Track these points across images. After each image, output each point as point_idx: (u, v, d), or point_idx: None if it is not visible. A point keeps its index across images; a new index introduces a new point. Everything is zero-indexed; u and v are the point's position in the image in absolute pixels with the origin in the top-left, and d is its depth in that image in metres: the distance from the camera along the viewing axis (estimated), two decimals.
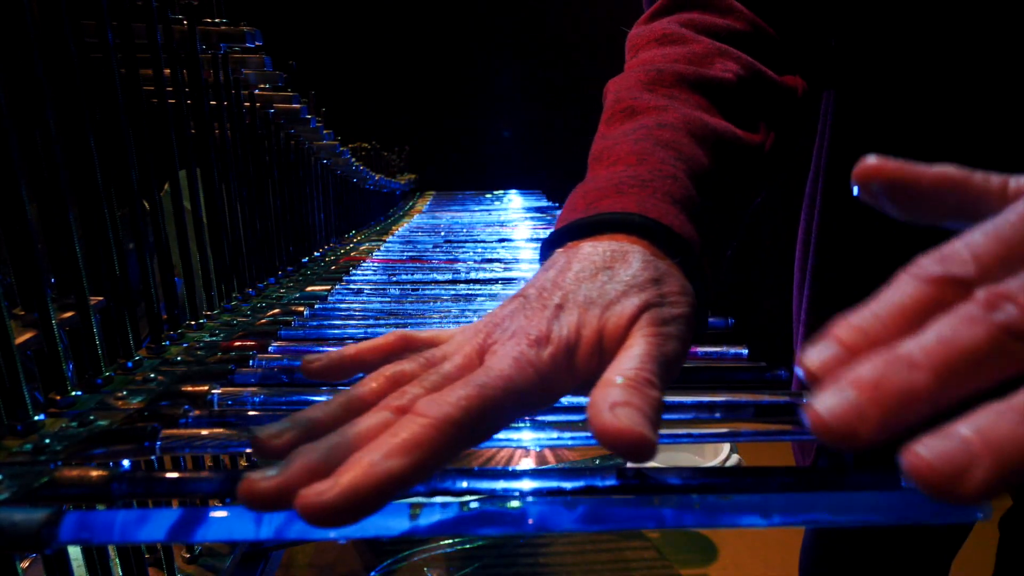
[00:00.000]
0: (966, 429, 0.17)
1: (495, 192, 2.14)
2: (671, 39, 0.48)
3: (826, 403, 0.18)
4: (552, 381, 0.28)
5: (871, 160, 0.25)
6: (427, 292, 0.71)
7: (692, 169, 0.39)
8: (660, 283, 0.32)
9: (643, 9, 0.55)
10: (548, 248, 0.37)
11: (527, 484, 0.26)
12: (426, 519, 0.24)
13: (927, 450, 0.16)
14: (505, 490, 0.26)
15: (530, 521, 0.24)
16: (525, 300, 0.31)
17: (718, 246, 0.41)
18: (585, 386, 0.28)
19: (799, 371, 0.21)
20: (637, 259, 0.33)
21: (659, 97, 0.43)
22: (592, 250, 0.34)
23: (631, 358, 0.27)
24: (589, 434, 0.27)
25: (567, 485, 0.27)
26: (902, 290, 0.20)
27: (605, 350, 0.29)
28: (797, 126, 0.52)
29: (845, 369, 0.19)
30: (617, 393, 0.25)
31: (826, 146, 0.61)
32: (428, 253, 0.99)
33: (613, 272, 0.32)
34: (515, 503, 0.25)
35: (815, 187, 0.63)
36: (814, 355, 0.20)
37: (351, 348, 0.33)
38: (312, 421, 0.26)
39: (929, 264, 0.20)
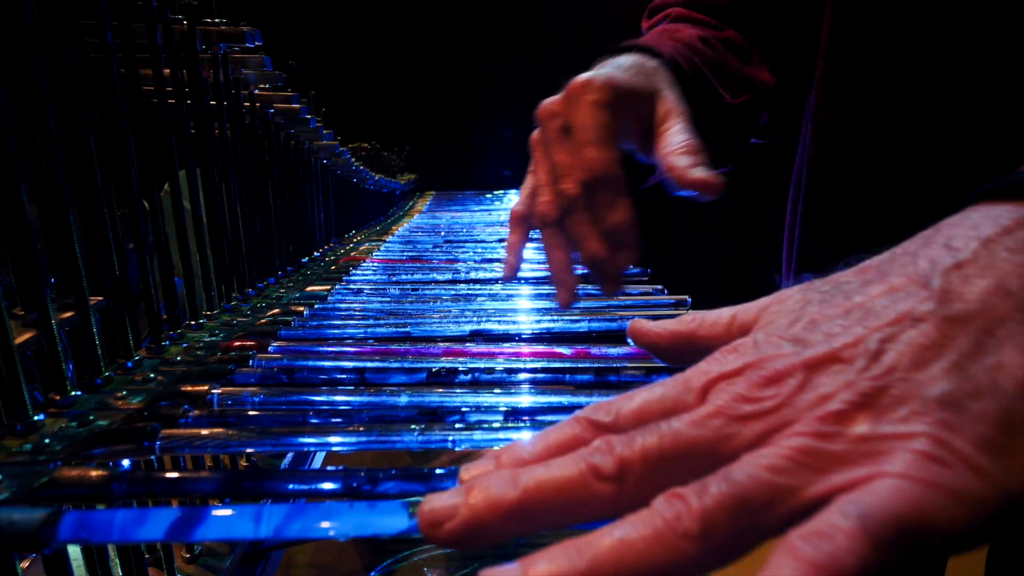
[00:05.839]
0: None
1: (495, 192, 2.13)
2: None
3: (433, 499, 0.21)
4: None
5: (636, 325, 0.30)
6: (427, 292, 0.71)
7: None
8: None
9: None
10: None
11: None
12: None
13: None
14: None
15: None
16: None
17: None
18: None
19: None
20: None
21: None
22: None
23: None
24: None
25: None
26: (562, 427, 0.23)
27: None
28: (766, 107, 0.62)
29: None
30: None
31: (809, 139, 0.62)
32: (428, 253, 0.99)
33: None
34: None
35: (799, 179, 0.64)
36: (470, 468, 0.23)
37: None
38: None
39: (586, 409, 0.23)
